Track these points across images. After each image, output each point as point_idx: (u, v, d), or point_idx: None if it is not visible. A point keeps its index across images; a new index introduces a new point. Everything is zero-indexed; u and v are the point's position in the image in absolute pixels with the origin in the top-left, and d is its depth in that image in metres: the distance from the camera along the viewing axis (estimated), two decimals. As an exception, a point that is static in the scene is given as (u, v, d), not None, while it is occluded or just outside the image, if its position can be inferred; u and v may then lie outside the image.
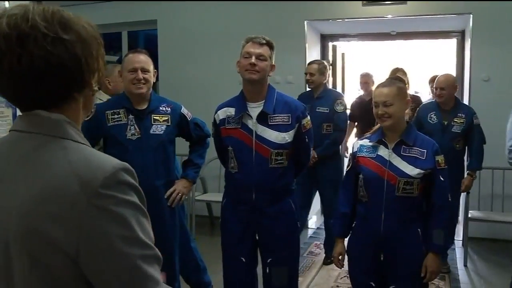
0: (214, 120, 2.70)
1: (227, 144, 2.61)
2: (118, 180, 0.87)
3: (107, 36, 6.02)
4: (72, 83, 0.92)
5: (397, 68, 4.37)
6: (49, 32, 0.87)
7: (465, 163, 4.22)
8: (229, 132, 2.60)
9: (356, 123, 5.32)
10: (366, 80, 5.42)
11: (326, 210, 4.47)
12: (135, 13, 5.82)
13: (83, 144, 0.94)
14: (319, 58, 5.92)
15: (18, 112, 2.72)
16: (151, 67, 2.76)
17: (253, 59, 2.49)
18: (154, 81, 2.83)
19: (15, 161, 0.91)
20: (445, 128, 3.99)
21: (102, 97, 3.30)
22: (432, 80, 4.77)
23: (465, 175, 4.12)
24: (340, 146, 4.50)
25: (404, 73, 4.28)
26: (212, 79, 5.37)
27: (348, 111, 4.73)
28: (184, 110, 2.87)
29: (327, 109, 4.17)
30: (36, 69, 0.87)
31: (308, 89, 4.45)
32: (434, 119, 4.04)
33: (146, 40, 6.61)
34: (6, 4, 2.57)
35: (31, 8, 0.89)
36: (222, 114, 2.65)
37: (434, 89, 4.09)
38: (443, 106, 4.04)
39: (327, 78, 4.38)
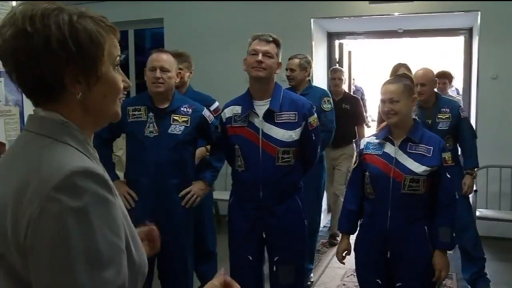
0: (220, 118, 2.70)
1: (234, 143, 2.61)
2: (73, 184, 0.83)
3: (114, 34, 6.04)
4: (37, 80, 0.90)
5: (400, 63, 4.14)
6: (20, 24, 0.88)
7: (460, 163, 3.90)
8: (235, 130, 2.60)
9: None
10: (339, 76, 4.92)
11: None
12: (141, 11, 5.83)
13: (68, 144, 0.91)
14: (325, 57, 5.92)
15: (25, 111, 2.71)
16: (173, 67, 2.77)
17: (259, 57, 2.49)
18: (177, 81, 2.84)
19: (7, 160, 0.94)
20: (430, 128, 3.49)
21: None
22: (438, 77, 4.64)
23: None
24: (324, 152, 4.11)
25: (408, 69, 4.02)
26: (219, 78, 5.37)
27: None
28: (205, 113, 2.86)
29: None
30: (10, 63, 0.90)
31: (288, 86, 3.96)
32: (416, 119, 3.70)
33: (152, 39, 6.62)
34: (14, 3, 2.59)
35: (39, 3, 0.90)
36: (228, 112, 2.65)
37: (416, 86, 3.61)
38: (424, 104, 3.66)
39: (310, 74, 4.01)
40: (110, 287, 0.83)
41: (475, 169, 3.76)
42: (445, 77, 5.31)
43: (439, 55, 8.51)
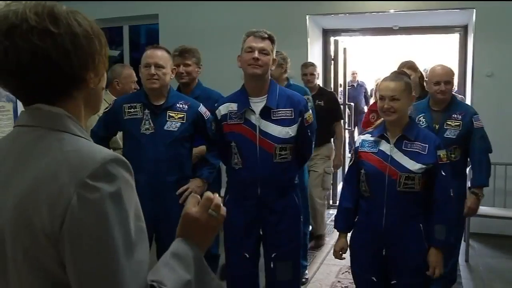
0: (215, 115, 2.69)
1: (230, 140, 2.60)
2: (107, 171, 0.85)
3: (108, 30, 6.01)
4: (62, 78, 0.91)
5: (407, 61, 3.96)
6: (38, 25, 0.86)
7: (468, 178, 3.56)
8: (232, 127, 2.59)
9: None
10: (311, 71, 4.63)
11: None
12: (136, 7, 5.81)
13: (82, 137, 0.93)
14: (321, 53, 5.92)
15: (19, 107, 2.71)
16: (167, 63, 2.77)
17: (256, 54, 2.47)
18: (172, 77, 2.84)
19: (14, 155, 0.91)
20: (436, 134, 3.06)
21: (106, 98, 3.28)
22: None
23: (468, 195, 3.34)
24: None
25: (415, 68, 3.83)
26: (213, 74, 5.35)
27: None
28: (202, 109, 2.86)
29: None
30: (22, 63, 0.87)
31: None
32: (423, 122, 3.21)
33: (147, 35, 6.60)
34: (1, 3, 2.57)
35: (25, 3, 0.89)
36: (223, 109, 2.64)
37: (432, 85, 3.21)
38: (436, 106, 3.25)
39: (287, 71, 3.90)
40: (143, 266, 0.87)
41: (483, 188, 3.27)
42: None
43: (434, 52, 8.52)
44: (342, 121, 4.86)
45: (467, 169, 3.51)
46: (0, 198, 0.89)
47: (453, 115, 3.20)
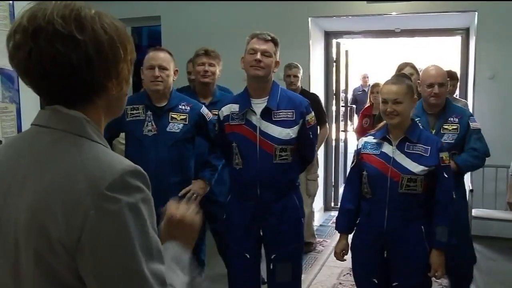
0: (218, 116, 2.71)
1: (231, 140, 2.61)
2: (126, 183, 0.85)
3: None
4: (82, 85, 0.90)
5: (406, 63, 3.93)
6: (63, 29, 0.86)
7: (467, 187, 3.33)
8: (233, 128, 2.60)
9: None
10: (295, 73, 4.51)
11: None
12: (139, 9, 5.82)
13: (100, 143, 0.92)
14: (323, 56, 5.92)
15: (22, 108, 2.70)
16: (170, 65, 2.78)
17: (258, 56, 2.49)
18: (175, 79, 2.85)
19: (31, 156, 0.90)
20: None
21: None
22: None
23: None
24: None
25: (414, 68, 3.80)
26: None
27: None
28: (204, 110, 2.86)
29: None
30: (43, 65, 0.86)
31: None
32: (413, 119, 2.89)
33: (149, 36, 6.61)
34: (10, 2, 2.58)
35: (54, 3, 0.88)
36: (226, 110, 2.65)
37: (425, 87, 3.03)
38: (431, 110, 3.04)
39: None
40: (161, 276, 0.88)
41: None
42: (454, 78, 4.50)
43: (436, 55, 8.52)
44: (327, 124, 4.73)
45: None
46: (16, 198, 0.88)
47: (449, 119, 3.01)
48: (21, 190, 0.88)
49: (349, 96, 7.09)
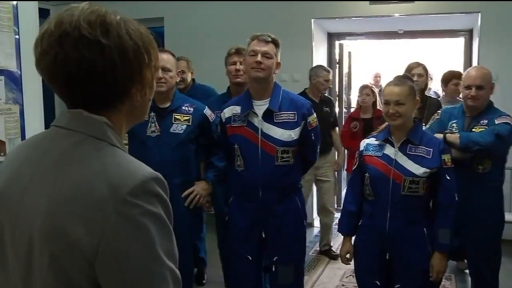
0: (220, 118, 2.71)
1: (233, 142, 2.61)
2: (147, 189, 0.85)
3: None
4: (106, 90, 0.90)
5: (416, 62, 3.78)
6: (89, 34, 0.86)
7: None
8: (235, 130, 2.60)
9: None
10: (326, 77, 4.40)
11: None
12: (141, 10, 5.83)
13: (120, 148, 0.93)
14: (326, 57, 5.92)
15: (25, 109, 2.69)
16: (174, 67, 2.79)
17: (259, 57, 2.49)
18: (178, 80, 2.84)
19: (50, 157, 0.90)
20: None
21: None
22: (448, 79, 4.23)
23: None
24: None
25: (424, 69, 3.72)
26: (219, 77, 5.37)
27: None
28: (207, 111, 2.86)
29: None
30: (68, 70, 0.86)
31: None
32: (455, 129, 2.90)
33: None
34: (14, 3, 2.58)
35: (81, 8, 0.89)
36: (228, 112, 2.66)
37: (464, 89, 2.89)
38: (469, 112, 2.89)
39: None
40: (178, 274, 0.90)
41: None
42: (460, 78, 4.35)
43: (439, 56, 8.51)
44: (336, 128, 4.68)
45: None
46: (32, 198, 0.88)
47: (481, 121, 2.82)
48: (39, 191, 0.87)
49: (353, 97, 6.99)
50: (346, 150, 4.77)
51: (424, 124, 3.34)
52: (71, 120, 0.92)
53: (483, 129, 2.78)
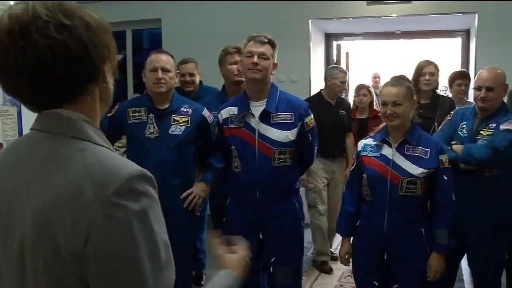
0: (217, 119, 2.71)
1: (230, 143, 2.61)
2: (132, 188, 0.83)
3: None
4: (82, 71, 0.88)
5: (427, 61, 3.70)
6: (51, 19, 0.84)
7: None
8: (232, 131, 2.61)
9: None
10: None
11: None
12: (139, 11, 5.83)
13: (103, 146, 0.91)
14: (323, 58, 5.93)
15: (23, 111, 2.69)
16: (173, 68, 2.79)
17: (255, 58, 2.49)
18: (177, 81, 2.84)
19: (34, 162, 0.89)
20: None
21: None
22: (452, 79, 4.12)
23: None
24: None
25: (436, 67, 3.67)
26: (216, 78, 5.37)
27: None
28: (205, 113, 2.87)
29: None
30: (42, 59, 0.84)
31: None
32: (465, 131, 2.86)
33: (150, 39, 6.62)
34: (12, 3, 2.59)
35: (32, 1, 0.87)
36: (225, 113, 2.66)
37: (474, 90, 2.85)
38: (480, 114, 2.83)
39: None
40: (170, 284, 0.87)
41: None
42: (465, 77, 4.16)
43: (437, 56, 8.52)
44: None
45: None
46: (20, 206, 0.87)
47: (489, 124, 2.76)
48: (26, 198, 0.86)
49: (350, 98, 6.93)
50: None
51: (436, 123, 3.33)
52: (50, 122, 0.90)
53: (491, 132, 2.73)
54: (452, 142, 2.84)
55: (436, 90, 3.78)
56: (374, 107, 4.74)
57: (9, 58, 0.84)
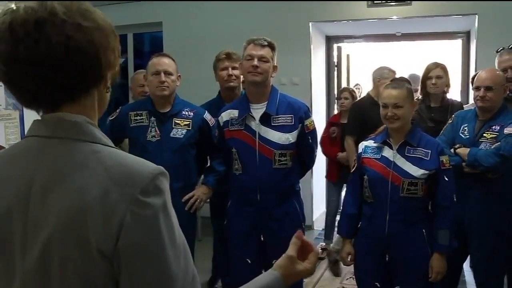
0: (218, 122, 2.72)
1: (231, 146, 2.62)
2: (156, 186, 0.87)
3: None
4: (90, 73, 0.90)
5: (435, 63, 3.67)
6: (68, 18, 0.86)
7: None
8: (232, 133, 2.62)
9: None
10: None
11: None
12: (140, 15, 5.85)
13: (111, 146, 0.93)
14: (324, 60, 5.94)
15: (25, 115, 2.71)
16: (174, 71, 2.80)
17: (255, 61, 2.50)
18: (178, 84, 2.86)
19: (46, 168, 0.88)
20: (472, 145, 2.81)
21: None
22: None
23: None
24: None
25: (444, 70, 3.62)
26: (216, 82, 5.38)
27: None
28: (207, 116, 2.88)
29: None
30: (55, 55, 0.85)
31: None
32: (466, 133, 2.87)
33: (151, 42, 6.64)
34: (13, 5, 2.60)
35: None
36: (225, 116, 2.67)
37: (474, 90, 2.87)
38: (481, 115, 2.85)
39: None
40: (191, 270, 0.91)
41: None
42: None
43: (437, 58, 8.51)
44: None
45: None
46: (38, 213, 0.87)
47: (493, 126, 2.77)
48: (44, 206, 0.86)
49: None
50: (325, 157, 4.60)
51: None
52: (56, 128, 0.90)
53: (495, 135, 2.74)
54: (456, 146, 2.85)
55: (446, 93, 3.69)
56: None
57: (19, 48, 0.84)
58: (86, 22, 0.88)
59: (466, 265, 4.27)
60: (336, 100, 4.53)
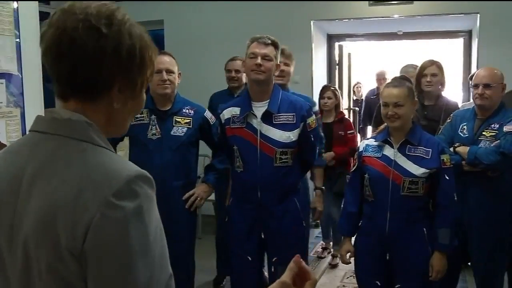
0: (220, 120, 2.72)
1: (232, 144, 2.62)
2: (132, 189, 0.84)
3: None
4: (89, 77, 0.91)
5: (432, 61, 3.59)
6: (93, 20, 0.89)
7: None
8: (234, 131, 2.62)
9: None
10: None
11: None
12: (141, 13, 5.82)
13: (104, 147, 0.92)
14: (325, 59, 5.94)
15: (26, 112, 2.70)
16: (175, 69, 2.80)
17: (258, 60, 2.50)
18: (179, 82, 2.86)
19: (35, 164, 0.89)
20: (471, 144, 2.80)
21: None
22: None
23: None
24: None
25: (440, 69, 3.55)
26: (219, 79, 5.38)
27: None
28: (207, 114, 2.88)
29: None
30: (60, 47, 0.88)
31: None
32: (465, 132, 2.87)
33: (153, 40, 6.63)
34: (15, 4, 2.60)
35: (94, 2, 0.92)
36: (227, 113, 2.67)
37: (473, 88, 2.87)
38: (480, 114, 2.85)
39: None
40: (163, 279, 0.87)
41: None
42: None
43: (439, 57, 8.50)
44: None
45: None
46: (23, 208, 0.88)
47: (492, 124, 2.78)
48: (28, 200, 0.87)
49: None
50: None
51: (441, 126, 3.23)
52: (50, 124, 0.91)
53: (494, 133, 2.74)
54: (455, 144, 2.85)
55: (441, 92, 3.62)
56: (341, 109, 4.43)
57: (49, 30, 0.90)
58: (107, 30, 0.90)
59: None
60: (318, 100, 4.33)
